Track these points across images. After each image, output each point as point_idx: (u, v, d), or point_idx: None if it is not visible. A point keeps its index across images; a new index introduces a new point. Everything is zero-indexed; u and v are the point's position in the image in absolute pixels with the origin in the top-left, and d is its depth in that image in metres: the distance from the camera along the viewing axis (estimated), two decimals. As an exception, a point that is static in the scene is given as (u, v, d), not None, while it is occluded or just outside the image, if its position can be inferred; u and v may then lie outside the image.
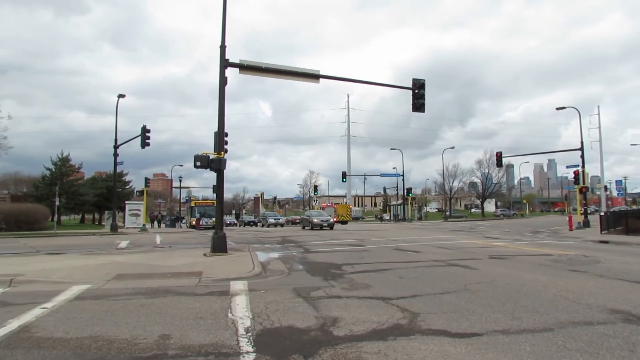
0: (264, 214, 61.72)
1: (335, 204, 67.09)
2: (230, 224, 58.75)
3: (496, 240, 21.23)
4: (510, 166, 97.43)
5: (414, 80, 19.33)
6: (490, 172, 76.38)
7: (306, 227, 41.52)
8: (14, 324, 5.93)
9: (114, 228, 33.84)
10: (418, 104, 19.28)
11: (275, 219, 57.29)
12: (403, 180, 65.74)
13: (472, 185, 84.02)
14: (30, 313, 6.58)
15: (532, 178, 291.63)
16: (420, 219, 71.80)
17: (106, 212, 53.53)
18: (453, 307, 6.68)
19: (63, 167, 57.79)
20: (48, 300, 7.50)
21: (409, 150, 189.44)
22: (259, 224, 63.49)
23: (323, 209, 58.93)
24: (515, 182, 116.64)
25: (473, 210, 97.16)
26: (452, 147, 72.52)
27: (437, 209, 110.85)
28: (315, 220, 39.89)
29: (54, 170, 57.32)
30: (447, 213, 76.15)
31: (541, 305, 6.64)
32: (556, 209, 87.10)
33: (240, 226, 62.68)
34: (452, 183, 78.94)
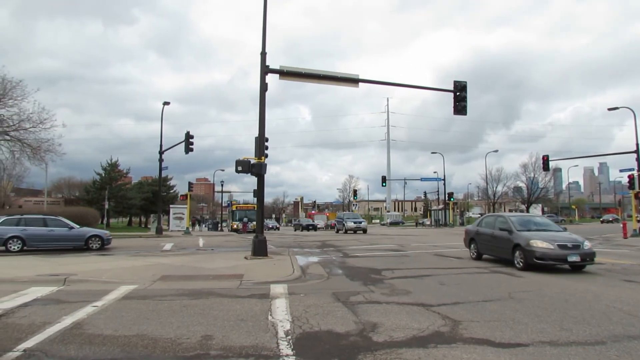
0: (341, 216, 45.31)
1: (329, 212, 69.66)
2: (272, 228, 59.07)
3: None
4: (557, 170, 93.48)
5: (456, 82, 18.98)
6: (536, 176, 73.73)
7: (340, 231, 40.48)
8: (67, 321, 6.23)
9: (159, 231, 34.91)
10: (460, 107, 18.90)
11: (356, 222, 40.33)
12: (444, 184, 64.53)
13: (517, 189, 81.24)
14: (82, 311, 6.90)
15: (581, 182, 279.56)
16: (462, 224, 70.16)
17: (152, 215, 55.42)
18: (497, 315, 6.50)
19: (112, 172, 60.20)
20: (98, 299, 7.84)
21: (451, 153, 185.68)
22: (335, 229, 46.88)
23: (310, 216, 60.61)
24: (564, 186, 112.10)
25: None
26: (496, 151, 70.85)
27: (479, 214, 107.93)
28: (350, 224, 38.80)
29: (103, 175, 59.81)
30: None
31: (592, 317, 6.36)
32: (601, 217, 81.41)
33: (297, 230, 55.97)
34: (496, 187, 76.79)
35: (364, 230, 38.74)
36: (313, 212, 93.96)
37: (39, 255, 16.48)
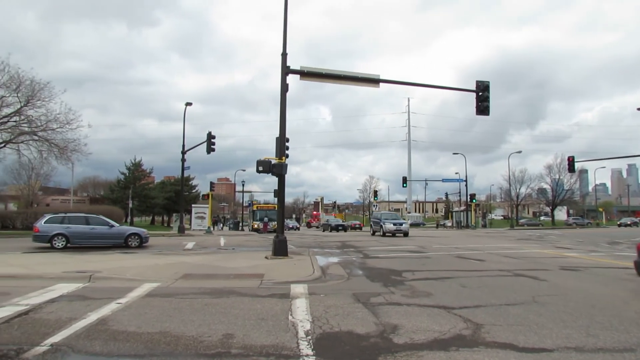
0: (377, 215, 37.78)
1: (334, 213, 69.20)
2: (292, 228, 59.20)
3: (568, 250, 20.01)
4: (583, 171, 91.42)
5: (478, 82, 18.73)
6: (561, 177, 72.28)
7: (377, 233, 34.28)
8: (92, 317, 6.37)
9: (181, 230, 35.39)
10: (482, 107, 18.65)
11: (396, 224, 33.24)
12: (466, 185, 63.77)
13: (541, 191, 79.65)
14: (106, 307, 7.05)
15: (609, 184, 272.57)
16: (484, 226, 69.16)
17: (174, 214, 56.18)
18: (520, 319, 6.38)
19: (136, 172, 61.38)
20: (122, 296, 7.99)
21: (473, 154, 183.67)
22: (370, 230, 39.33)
23: (316, 217, 59.49)
24: (590, 188, 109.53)
25: (542, 218, 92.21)
26: (519, 152, 69.54)
27: (502, 216, 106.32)
28: (389, 226, 32.19)
29: (127, 174, 61.00)
30: (521, 221, 72.74)
31: (620, 323, 6.18)
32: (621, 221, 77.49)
33: (325, 230, 52.00)
34: (519, 189, 75.37)
35: (405, 234, 32.08)
36: (316, 212, 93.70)
37: (66, 253, 16.88)
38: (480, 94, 18.54)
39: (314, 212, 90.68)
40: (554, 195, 74.22)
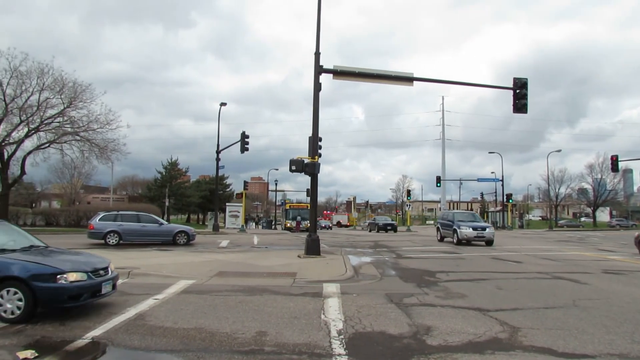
0: (447, 216, 27.51)
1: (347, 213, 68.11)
2: (325, 227, 59.26)
3: (611, 253, 19.22)
4: (628, 171, 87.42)
5: (515, 79, 18.23)
6: (603, 177, 69.37)
7: (446, 239, 25.15)
8: (131, 312, 6.57)
9: (216, 228, 35.97)
10: (520, 105, 18.15)
11: (477, 229, 23.48)
12: (502, 185, 62.16)
13: (582, 191, 76.72)
14: (144, 303, 7.25)
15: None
16: (521, 227, 67.32)
17: (209, 212, 57.23)
18: (559, 323, 6.18)
19: (172, 171, 62.86)
20: (159, 292, 8.21)
21: (509, 153, 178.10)
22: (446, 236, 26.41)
23: (327, 216, 57.24)
24: (635, 189, 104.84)
25: (583, 219, 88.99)
26: (559, 151, 67.18)
27: (540, 217, 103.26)
28: (467, 231, 22.62)
29: (164, 173, 62.55)
30: (560, 222, 70.41)
31: (667, 329, 5.90)
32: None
33: (372, 230, 45.97)
34: (558, 189, 72.84)
35: (489, 242, 22.79)
36: (328, 211, 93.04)
37: (110, 250, 17.47)
38: (517, 91, 18.06)
39: (325, 212, 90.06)
40: (596, 196, 71.33)
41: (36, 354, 4.70)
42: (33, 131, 28.47)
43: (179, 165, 65.33)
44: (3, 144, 28.08)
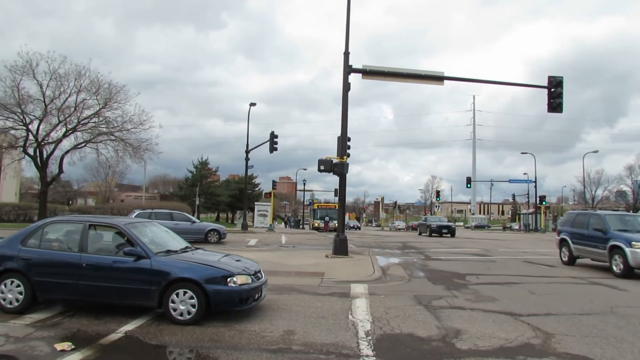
0: (587, 218, 14.22)
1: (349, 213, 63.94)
2: (353, 227, 59.10)
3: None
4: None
5: (550, 77, 17.74)
6: (644, 179, 66.80)
7: (582, 259, 14.56)
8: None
9: (245, 227, 36.38)
10: (555, 104, 17.65)
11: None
12: (535, 187, 60.57)
13: (621, 194, 73.98)
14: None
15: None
16: (554, 230, 65.58)
17: (238, 211, 57.96)
18: (596, 331, 5.98)
19: (202, 170, 63.97)
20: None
21: (543, 154, 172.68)
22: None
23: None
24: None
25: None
26: (596, 151, 64.96)
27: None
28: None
29: (195, 173, 63.70)
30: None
31: None
32: None
33: (422, 234, 36.42)
34: (595, 191, 70.47)
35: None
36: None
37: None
38: (552, 90, 17.57)
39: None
40: (635, 199, 68.59)
41: (72, 346, 4.87)
42: (70, 131, 29.46)
43: (209, 165, 66.44)
44: (42, 143, 29.16)
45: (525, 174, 71.66)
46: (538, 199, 58.69)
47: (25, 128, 28.36)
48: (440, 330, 5.91)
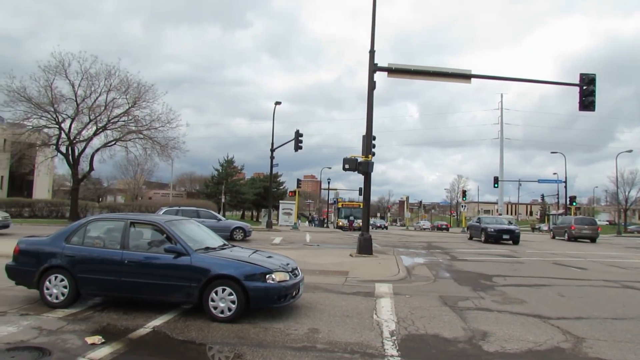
0: None
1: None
2: (379, 227, 58.76)
3: (688, 261, 17.78)
4: None
5: (582, 75, 17.25)
6: (680, 180, 64.34)
7: None
8: (187, 305, 6.77)
9: (269, 225, 36.62)
10: (587, 102, 17.16)
11: None
12: (565, 187, 59.03)
13: (656, 195, 71.53)
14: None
15: None
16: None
17: (263, 209, 58.36)
18: (630, 336, 5.79)
19: (228, 169, 64.69)
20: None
21: (574, 153, 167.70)
22: None
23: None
24: None
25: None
26: (630, 151, 62.80)
27: (607, 221, 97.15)
28: None
29: (220, 171, 64.47)
30: (630, 227, 65.98)
31: None
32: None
33: (473, 237, 28.22)
34: (629, 192, 68.26)
35: None
36: (325, 210, 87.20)
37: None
38: (584, 87, 17.09)
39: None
40: (671, 200, 66.29)
41: (103, 340, 4.99)
42: (101, 129, 30.25)
43: (235, 163, 67.12)
44: (74, 141, 30.01)
45: (555, 173, 69.86)
46: (568, 199, 57.15)
47: (58, 126, 29.27)
48: (466, 331, 5.82)
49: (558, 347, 5.22)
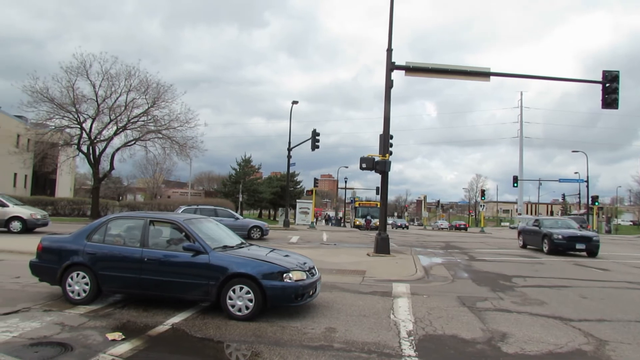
0: None
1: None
2: (400, 227, 58.42)
3: None
4: None
5: (605, 72, 16.89)
6: None
7: None
8: (206, 303, 6.84)
9: (286, 224, 36.76)
10: (610, 100, 16.79)
11: None
12: (587, 186, 57.91)
13: (682, 195, 69.71)
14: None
15: None
16: (608, 232, 62.40)
17: (280, 208, 58.54)
18: (654, 338, 5.64)
19: (246, 168, 65.00)
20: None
21: (596, 152, 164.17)
22: None
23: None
24: None
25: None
26: (655, 150, 61.32)
27: (631, 221, 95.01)
28: None
29: (238, 170, 64.84)
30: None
31: None
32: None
33: (527, 246, 21.27)
34: (654, 192, 66.66)
35: None
36: (317, 208, 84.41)
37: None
38: (607, 85, 16.73)
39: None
40: (698, 200, 64.45)
41: (123, 336, 5.07)
42: (121, 129, 30.72)
43: (252, 162, 67.41)
44: (95, 141, 30.55)
45: (576, 173, 68.57)
46: (590, 199, 56.04)
47: (79, 126, 29.82)
48: (485, 332, 5.75)
49: (580, 350, 5.12)
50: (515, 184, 61.17)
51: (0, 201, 18.05)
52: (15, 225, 17.75)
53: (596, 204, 56.78)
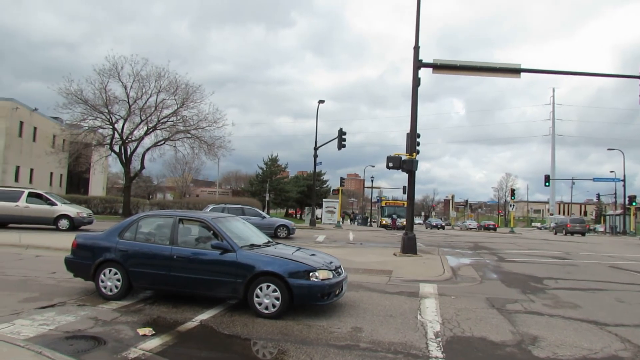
0: None
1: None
2: (435, 226, 57.77)
3: None
4: None
5: (643, 68, 16.30)
6: None
7: None
8: (233, 300, 6.92)
9: (313, 223, 36.87)
10: (648, 96, 16.20)
11: None
12: (624, 186, 55.93)
13: None
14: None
15: None
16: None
17: (306, 207, 58.75)
18: (695, 345, 5.41)
19: (272, 167, 65.46)
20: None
21: (634, 150, 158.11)
22: None
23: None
24: None
25: None
26: (696, 148, 58.83)
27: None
28: None
29: (265, 169, 65.37)
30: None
31: None
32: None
33: None
34: (696, 192, 63.85)
35: None
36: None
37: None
38: (645, 80, 16.13)
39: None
40: None
41: (153, 332, 5.19)
42: (151, 129, 31.40)
43: (279, 162, 67.81)
44: (127, 141, 31.31)
45: (612, 171, 66.39)
46: (627, 199, 54.05)
47: (111, 127, 30.64)
48: (515, 335, 5.63)
49: (616, 356, 4.95)
50: (547, 183, 59.55)
51: (50, 200, 18.70)
52: (64, 223, 18.38)
53: (634, 204, 54.67)
